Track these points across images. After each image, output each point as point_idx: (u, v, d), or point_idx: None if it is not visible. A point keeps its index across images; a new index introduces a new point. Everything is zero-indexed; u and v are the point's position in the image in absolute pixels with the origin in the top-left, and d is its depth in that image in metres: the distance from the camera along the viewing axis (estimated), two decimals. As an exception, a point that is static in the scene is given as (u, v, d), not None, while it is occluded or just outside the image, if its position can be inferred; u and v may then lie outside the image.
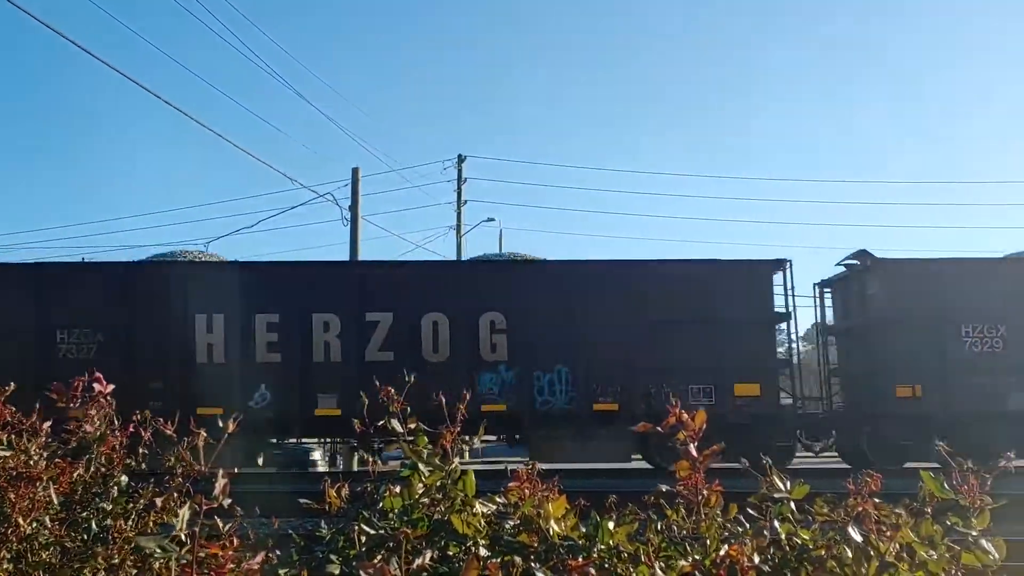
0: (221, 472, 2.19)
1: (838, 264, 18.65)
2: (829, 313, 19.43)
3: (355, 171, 27.66)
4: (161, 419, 3.01)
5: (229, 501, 2.17)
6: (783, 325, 17.80)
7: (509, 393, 16.46)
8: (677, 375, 16.36)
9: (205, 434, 2.26)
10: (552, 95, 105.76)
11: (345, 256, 26.41)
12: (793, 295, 17.33)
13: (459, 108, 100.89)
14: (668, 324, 16.52)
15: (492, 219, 34.84)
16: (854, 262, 18.25)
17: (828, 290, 19.20)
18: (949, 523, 2.46)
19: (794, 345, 18.52)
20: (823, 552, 2.47)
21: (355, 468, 21.79)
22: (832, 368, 18.93)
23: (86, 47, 24.31)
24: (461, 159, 33.08)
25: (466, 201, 33.52)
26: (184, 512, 2.08)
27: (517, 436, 17.23)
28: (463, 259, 18.33)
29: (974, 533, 2.42)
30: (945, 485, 2.48)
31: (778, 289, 17.27)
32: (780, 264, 17.25)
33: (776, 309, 17.28)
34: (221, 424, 2.33)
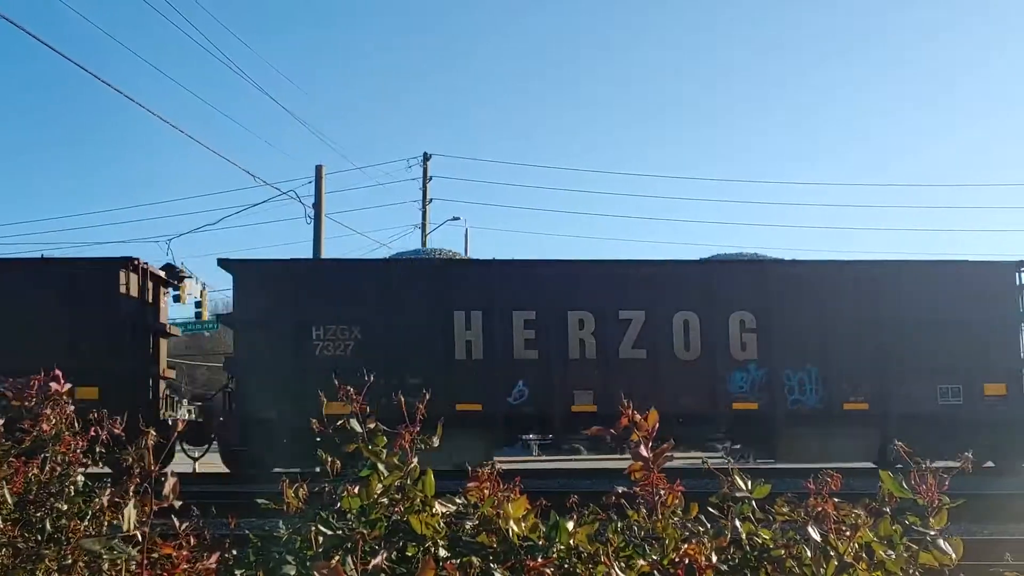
0: (170, 472, 2.14)
1: None
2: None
3: (319, 168, 27.54)
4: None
5: (180, 503, 2.13)
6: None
7: (759, 392, 16.61)
8: (925, 375, 16.60)
9: (155, 434, 2.20)
10: (521, 94, 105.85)
11: (308, 254, 26.33)
12: None
13: (425, 107, 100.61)
14: (915, 324, 16.70)
15: (457, 218, 34.89)
16: None
17: None
18: (908, 522, 2.47)
19: None
20: (783, 552, 2.47)
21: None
22: None
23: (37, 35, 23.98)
24: (427, 157, 32.89)
25: (431, 200, 33.34)
26: (130, 512, 2.03)
27: (765, 435, 17.19)
28: (712, 257, 18.46)
29: (932, 533, 2.43)
30: (904, 484, 2.48)
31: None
32: (1022, 265, 17.46)
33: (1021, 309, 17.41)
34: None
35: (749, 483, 2.72)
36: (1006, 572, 3.32)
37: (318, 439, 2.72)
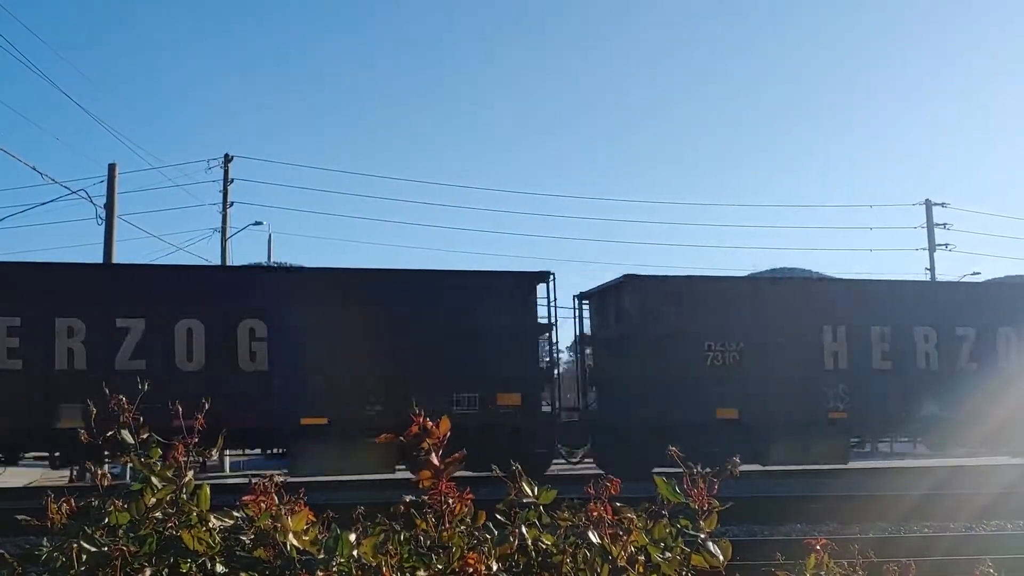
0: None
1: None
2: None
3: (112, 167, 26.19)
4: None
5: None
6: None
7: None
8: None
9: None
10: (339, 98, 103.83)
11: (99, 257, 24.99)
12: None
13: (231, 108, 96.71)
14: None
15: (260, 223, 33.39)
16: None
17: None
18: (680, 526, 2.58)
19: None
20: (564, 557, 2.52)
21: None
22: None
23: None
24: (228, 159, 31.60)
25: (232, 203, 32.01)
26: None
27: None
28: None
29: (702, 535, 2.54)
30: (677, 489, 2.59)
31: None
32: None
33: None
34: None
35: (536, 488, 2.76)
36: (778, 572, 3.52)
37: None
